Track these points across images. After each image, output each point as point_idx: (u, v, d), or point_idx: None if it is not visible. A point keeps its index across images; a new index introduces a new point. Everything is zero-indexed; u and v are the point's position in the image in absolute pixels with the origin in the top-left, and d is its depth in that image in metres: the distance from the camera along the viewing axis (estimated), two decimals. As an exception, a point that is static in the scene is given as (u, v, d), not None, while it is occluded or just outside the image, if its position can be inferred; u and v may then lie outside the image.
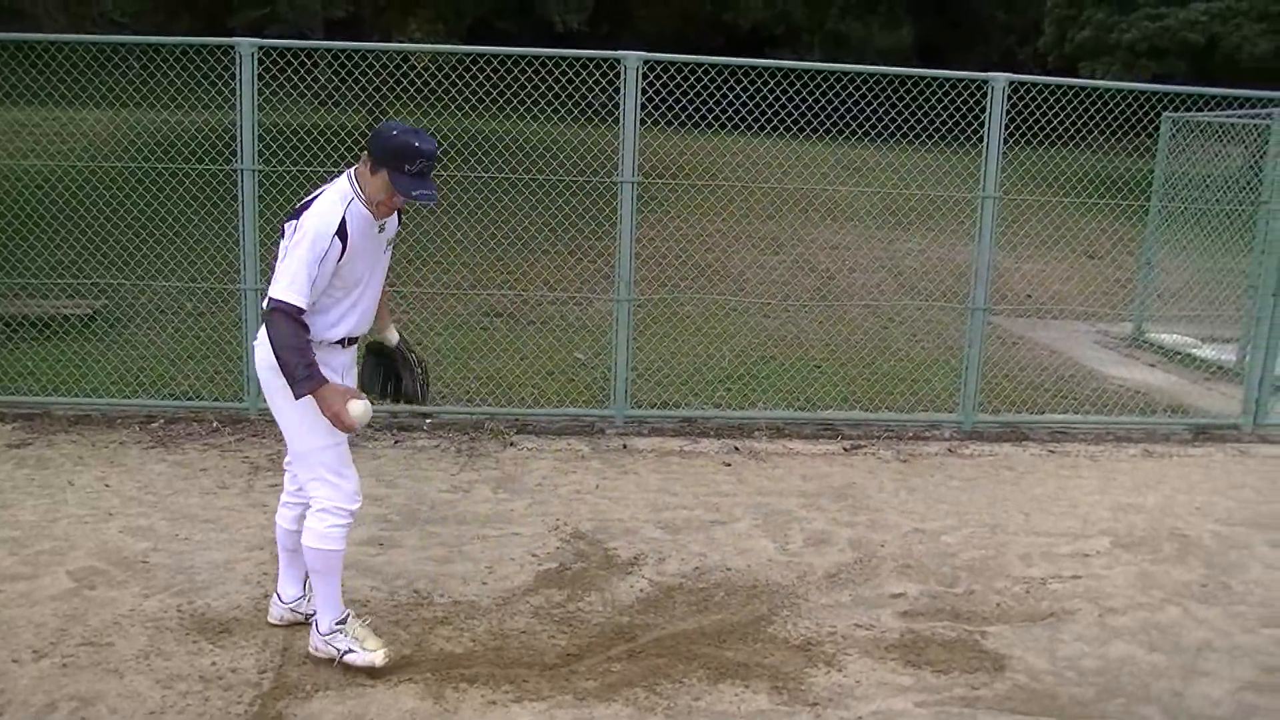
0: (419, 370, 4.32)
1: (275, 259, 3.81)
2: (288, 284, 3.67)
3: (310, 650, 4.11)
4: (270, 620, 4.36)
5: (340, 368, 3.98)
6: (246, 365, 7.14)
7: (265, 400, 3.96)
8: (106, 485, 5.92)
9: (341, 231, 3.71)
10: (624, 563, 5.19)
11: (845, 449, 7.23)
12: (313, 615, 4.15)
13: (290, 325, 3.66)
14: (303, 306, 3.68)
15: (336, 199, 3.76)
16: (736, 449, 7.09)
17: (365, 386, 4.25)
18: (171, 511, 5.58)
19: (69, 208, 9.10)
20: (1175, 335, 10.50)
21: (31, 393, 7.30)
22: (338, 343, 3.93)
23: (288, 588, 4.33)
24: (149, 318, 9.05)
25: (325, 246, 3.67)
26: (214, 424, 7.06)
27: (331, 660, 4.04)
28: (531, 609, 4.62)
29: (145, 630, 4.30)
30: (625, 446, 7.04)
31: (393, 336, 4.32)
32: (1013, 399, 8.21)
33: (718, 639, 4.44)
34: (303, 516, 4.07)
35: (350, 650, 4.01)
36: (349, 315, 3.91)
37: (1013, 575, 5.25)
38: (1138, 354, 10.42)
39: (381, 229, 3.91)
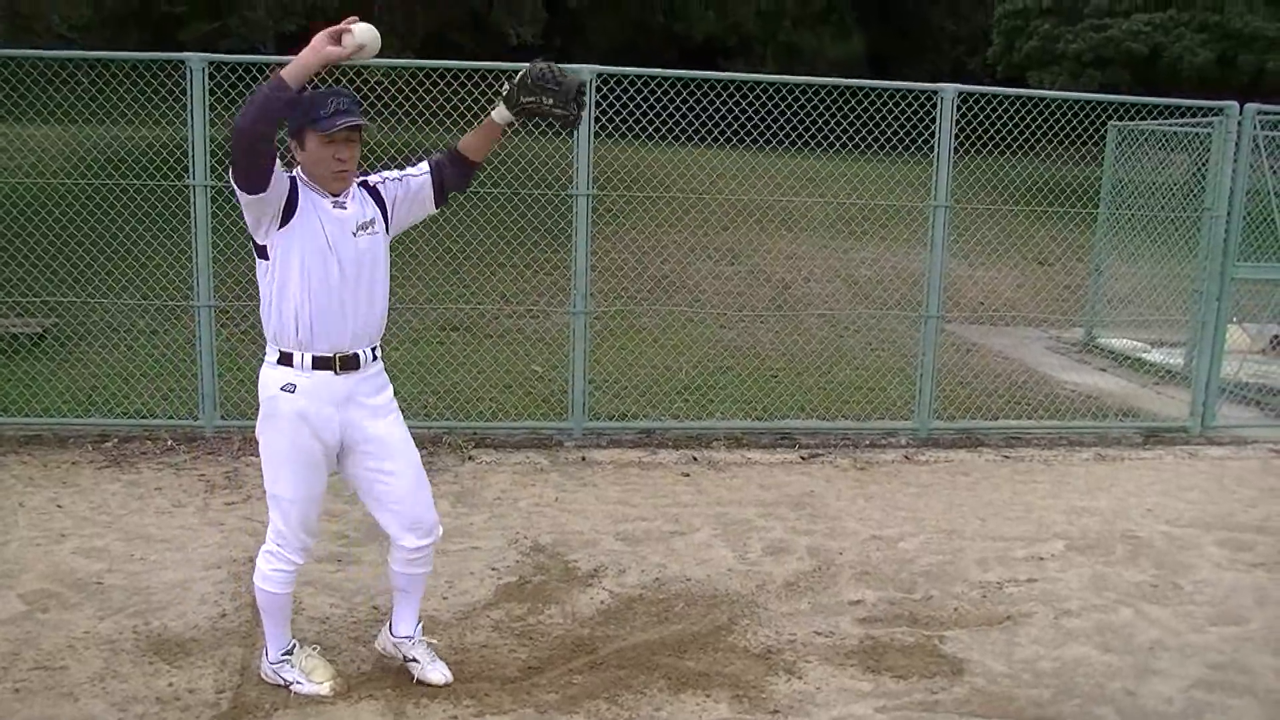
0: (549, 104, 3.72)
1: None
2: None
3: (260, 676, 4.08)
4: (375, 646, 4.27)
5: (335, 398, 3.70)
6: (201, 382, 7.08)
7: (221, 418, 3.90)
8: (59, 506, 5.84)
9: (294, 185, 3.55)
10: (584, 575, 5.20)
11: (803, 458, 7.28)
12: (412, 660, 4.10)
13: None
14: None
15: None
16: (695, 459, 7.12)
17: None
18: (126, 532, 5.51)
19: (17, 225, 8.97)
20: (1125, 340, 10.68)
21: (-20, 413, 7.19)
22: (326, 367, 3.67)
23: (399, 625, 4.16)
24: (101, 336, 8.94)
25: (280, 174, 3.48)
26: (168, 442, 6.98)
27: (280, 687, 4.02)
28: (492, 623, 4.61)
29: (100, 653, 4.24)
30: (584, 459, 7.04)
31: (499, 112, 3.83)
32: (967, 405, 8.30)
33: (678, 649, 4.45)
34: (419, 563, 4.02)
35: (297, 681, 3.98)
36: (318, 320, 3.62)
37: (969, 580, 5.31)
38: (1089, 359, 10.58)
39: (338, 206, 3.62)
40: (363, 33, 3.42)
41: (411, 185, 3.84)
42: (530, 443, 7.26)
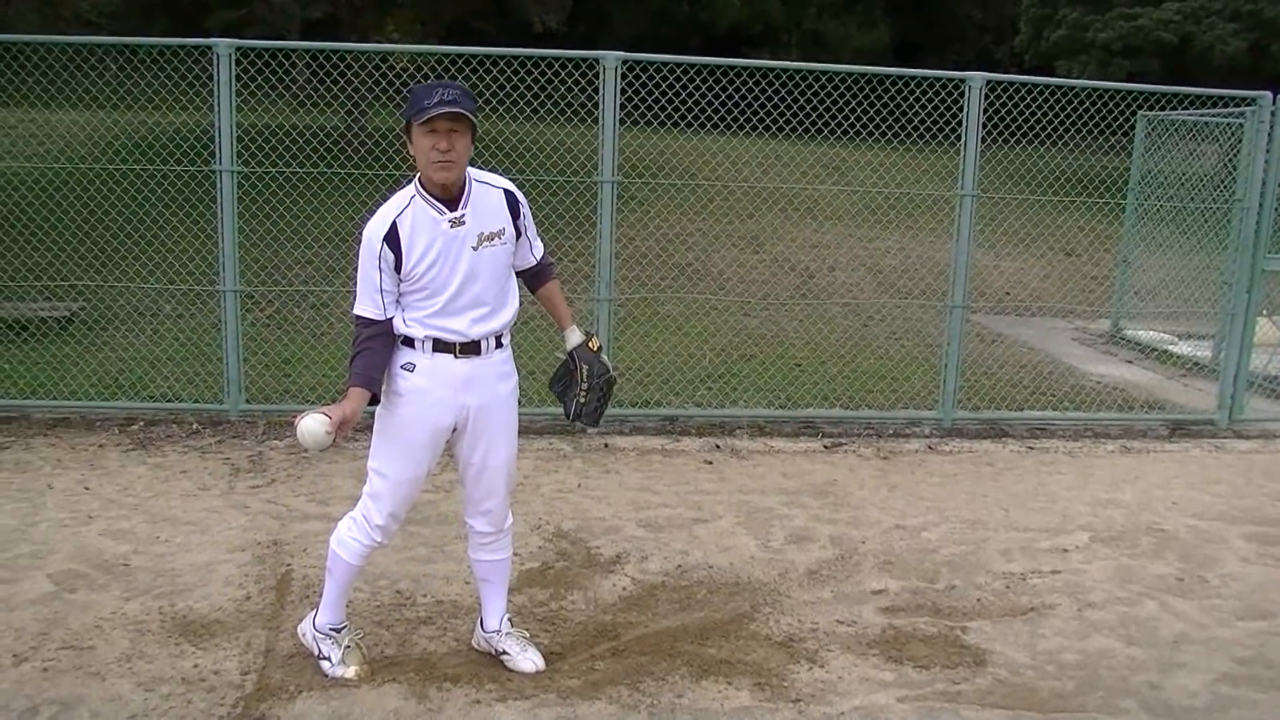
0: (583, 386, 4.04)
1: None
2: (359, 296, 3.68)
3: (298, 631, 4.15)
4: (472, 644, 4.28)
5: (453, 381, 3.74)
6: (226, 367, 7.12)
7: (246, 402, 3.93)
8: (86, 488, 5.90)
9: (391, 238, 3.57)
10: (606, 561, 5.21)
11: (826, 447, 7.26)
12: (503, 653, 4.13)
13: (361, 331, 3.68)
14: (370, 316, 3.65)
15: (394, 202, 3.64)
16: (718, 447, 7.12)
17: (550, 383, 4.18)
18: (152, 514, 5.56)
19: (46, 209, 9.04)
20: (1152, 332, 10.59)
21: (9, 396, 7.26)
22: (443, 349, 3.72)
23: (487, 619, 4.20)
24: (127, 320, 9.01)
25: (376, 254, 3.59)
26: (194, 426, 7.03)
27: (309, 654, 4.06)
28: (515, 608, 4.61)
29: (127, 633, 4.28)
30: (607, 445, 7.05)
31: (570, 339, 4.10)
32: (992, 396, 8.26)
33: (700, 636, 4.45)
34: (491, 548, 4.09)
35: (328, 658, 4.01)
36: (439, 318, 3.68)
37: (993, 571, 5.29)
38: (1115, 351, 10.50)
39: (456, 224, 3.64)
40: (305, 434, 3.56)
41: (525, 241, 3.94)
42: (553, 429, 7.27)
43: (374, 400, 3.74)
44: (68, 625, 4.32)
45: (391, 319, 3.69)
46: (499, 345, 3.85)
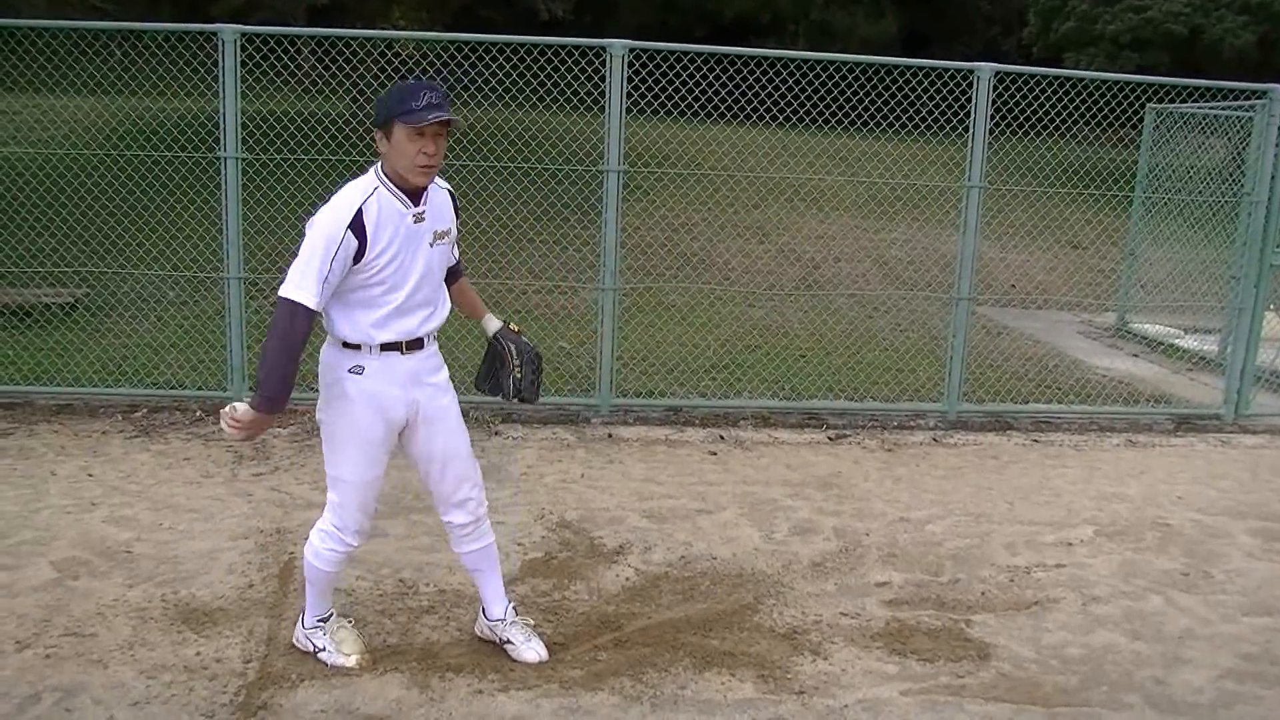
0: (515, 364, 4.07)
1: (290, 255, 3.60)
2: (298, 280, 3.45)
3: (293, 641, 4.12)
4: (475, 631, 4.27)
5: (402, 378, 3.71)
6: (230, 354, 7.11)
7: (250, 389, 3.90)
8: (89, 475, 5.89)
9: (357, 225, 3.47)
10: (610, 552, 5.20)
11: (830, 438, 7.24)
12: (507, 642, 4.12)
13: (287, 323, 3.45)
14: (310, 306, 3.44)
15: (356, 189, 3.55)
16: (722, 438, 7.10)
17: (476, 381, 4.20)
18: (155, 501, 5.55)
19: (50, 195, 9.03)
20: (1158, 326, 10.56)
21: (13, 382, 7.25)
22: (391, 348, 3.67)
23: (490, 607, 4.18)
24: (131, 306, 9.00)
25: (337, 240, 3.44)
26: (197, 413, 7.02)
27: (310, 652, 4.06)
28: (517, 598, 4.61)
29: (129, 620, 4.28)
30: (611, 435, 7.03)
31: (490, 326, 4.13)
32: (997, 389, 8.23)
33: (704, 628, 4.44)
34: (473, 538, 4.06)
35: (325, 649, 4.01)
36: (395, 318, 3.64)
37: (997, 564, 5.27)
38: (1121, 344, 10.47)
39: (419, 219, 3.61)
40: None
41: (453, 242, 3.94)
42: (557, 418, 7.26)
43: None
44: (70, 612, 4.32)
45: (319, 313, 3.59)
46: (432, 339, 3.86)
